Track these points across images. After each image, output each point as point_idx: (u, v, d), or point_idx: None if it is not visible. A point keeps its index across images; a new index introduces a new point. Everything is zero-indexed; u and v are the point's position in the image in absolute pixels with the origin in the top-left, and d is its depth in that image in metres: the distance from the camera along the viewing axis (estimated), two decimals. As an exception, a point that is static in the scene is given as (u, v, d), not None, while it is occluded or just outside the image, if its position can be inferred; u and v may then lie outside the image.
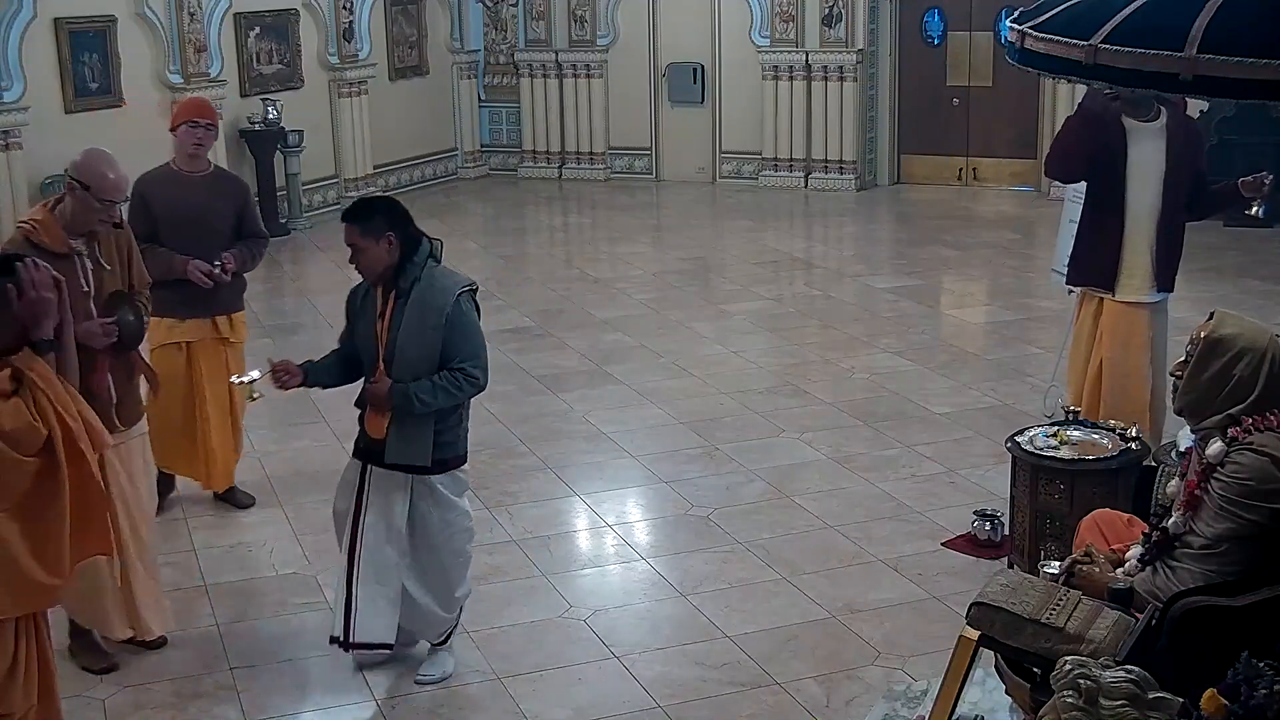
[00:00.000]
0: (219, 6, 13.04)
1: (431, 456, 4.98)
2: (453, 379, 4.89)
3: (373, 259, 4.90)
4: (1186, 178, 6.38)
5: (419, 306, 4.91)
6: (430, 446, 4.96)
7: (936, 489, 6.87)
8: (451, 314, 4.90)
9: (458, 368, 4.90)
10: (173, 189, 6.40)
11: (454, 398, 4.93)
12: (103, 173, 5.03)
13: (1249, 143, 12.32)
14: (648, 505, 6.87)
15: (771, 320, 10.15)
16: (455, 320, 4.90)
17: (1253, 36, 3.50)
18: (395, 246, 4.89)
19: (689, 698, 5.02)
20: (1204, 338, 3.97)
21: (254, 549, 6.39)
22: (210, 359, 6.58)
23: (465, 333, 4.93)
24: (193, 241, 6.34)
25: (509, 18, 16.36)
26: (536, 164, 16.44)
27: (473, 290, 5.03)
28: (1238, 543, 3.84)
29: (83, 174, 5.01)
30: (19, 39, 11.16)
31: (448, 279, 4.99)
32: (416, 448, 4.96)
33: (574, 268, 12.17)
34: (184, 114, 6.55)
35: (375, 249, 4.88)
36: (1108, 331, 6.48)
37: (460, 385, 4.91)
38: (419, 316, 4.91)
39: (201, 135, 6.48)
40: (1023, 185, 14.83)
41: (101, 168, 5.04)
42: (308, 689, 5.20)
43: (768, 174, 15.30)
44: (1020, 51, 4.12)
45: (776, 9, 14.91)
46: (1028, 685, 3.93)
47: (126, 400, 5.24)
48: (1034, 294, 10.59)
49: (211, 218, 6.43)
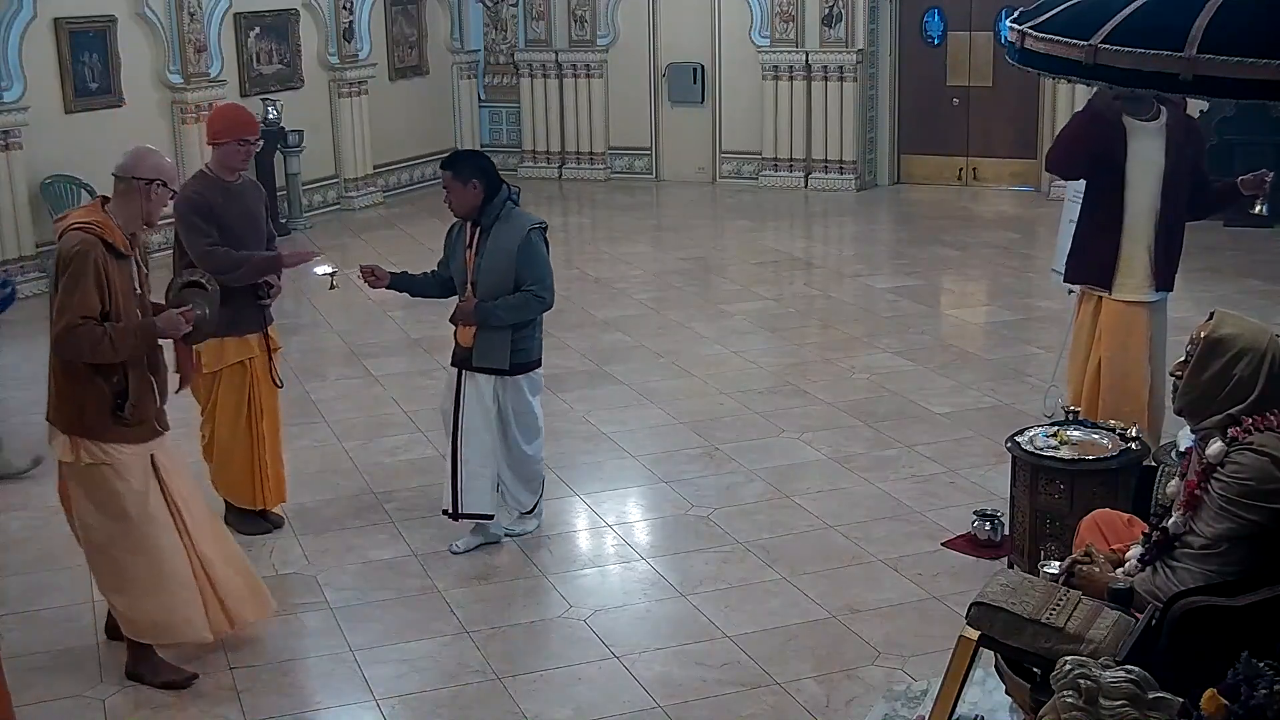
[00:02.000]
0: (219, 6, 13.05)
1: (510, 361, 6.05)
2: (523, 299, 5.97)
3: (461, 199, 5.99)
4: (1186, 177, 6.38)
5: (497, 239, 5.98)
6: (509, 353, 6.04)
7: (936, 489, 6.87)
8: (522, 245, 5.95)
9: (527, 289, 5.96)
10: (227, 198, 6.15)
11: (524, 314, 6.02)
12: (170, 165, 5.13)
13: (1249, 143, 12.32)
14: (648, 505, 6.87)
15: (771, 320, 10.15)
16: (525, 251, 5.96)
17: (1253, 36, 3.50)
18: (479, 190, 5.95)
19: (689, 698, 5.02)
20: (1204, 338, 3.97)
21: (254, 549, 6.38)
22: (264, 371, 6.43)
23: (533, 261, 5.98)
24: (249, 249, 6.18)
25: (509, 18, 16.36)
26: (536, 164, 16.44)
27: (543, 228, 6.08)
28: (1238, 543, 3.84)
29: (161, 172, 5.04)
30: (19, 39, 11.17)
31: (522, 218, 6.03)
32: (497, 354, 6.03)
33: (574, 268, 12.17)
34: (233, 130, 6.15)
35: (464, 191, 5.96)
36: (1107, 331, 6.48)
37: (528, 304, 6.00)
38: (497, 247, 5.97)
39: (250, 151, 6.23)
40: (1023, 185, 14.83)
41: (168, 162, 5.14)
42: (308, 689, 5.20)
43: (768, 174, 15.30)
44: (1020, 51, 4.12)
45: (776, 9, 14.92)
46: (1028, 685, 3.93)
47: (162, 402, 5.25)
48: (1034, 294, 10.60)
49: (261, 223, 6.33)
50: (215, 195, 6.11)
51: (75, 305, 4.80)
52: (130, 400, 4.97)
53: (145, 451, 5.08)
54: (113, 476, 5.01)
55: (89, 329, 4.81)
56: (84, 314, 4.81)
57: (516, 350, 6.07)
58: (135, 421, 5.01)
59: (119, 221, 4.99)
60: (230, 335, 6.17)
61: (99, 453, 4.98)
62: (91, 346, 4.84)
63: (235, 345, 6.26)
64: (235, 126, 6.15)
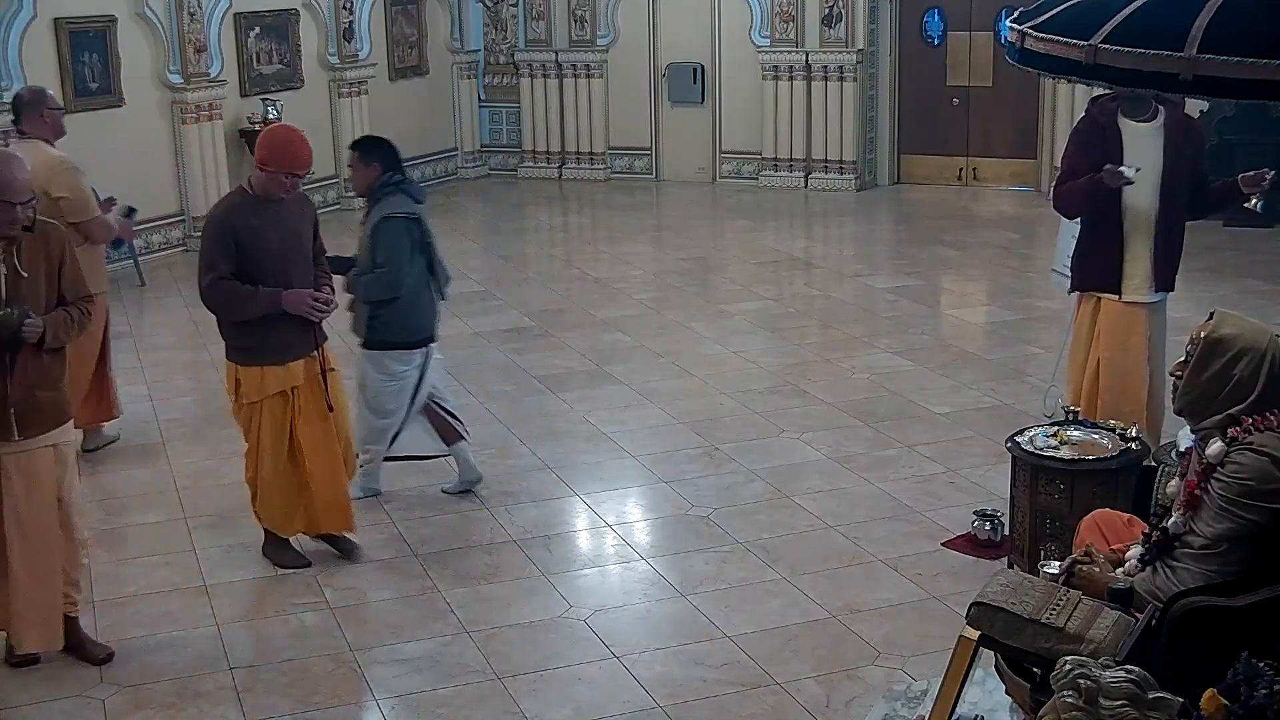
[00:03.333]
0: (219, 6, 13.05)
1: (366, 335, 6.56)
2: (373, 278, 6.42)
3: (362, 178, 6.50)
4: (1186, 177, 6.37)
5: (370, 220, 6.45)
6: (364, 326, 6.55)
7: (936, 489, 6.87)
8: (376, 228, 6.39)
9: (377, 270, 6.39)
10: (264, 218, 5.74)
11: (372, 293, 6.45)
12: (12, 176, 4.94)
13: (1249, 143, 12.32)
14: (648, 505, 6.87)
15: (771, 320, 10.15)
16: (378, 235, 6.39)
17: (1253, 36, 3.50)
18: (377, 172, 6.43)
19: (689, 698, 5.02)
20: (1204, 338, 3.97)
21: (254, 549, 6.38)
22: (312, 398, 5.95)
23: (383, 245, 6.38)
24: (289, 271, 5.78)
25: (509, 18, 16.36)
26: (536, 164, 16.45)
27: (409, 217, 6.45)
28: (1238, 543, 3.84)
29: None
30: (19, 39, 11.17)
31: (391, 205, 6.41)
32: (359, 325, 6.59)
33: (574, 268, 12.17)
34: (281, 163, 5.69)
35: (365, 171, 6.46)
36: (1106, 331, 6.48)
37: (374, 284, 6.42)
38: (366, 227, 6.45)
39: (296, 184, 5.80)
40: (1023, 185, 14.84)
41: (9, 173, 4.95)
42: (308, 689, 5.20)
43: (768, 174, 15.30)
44: (1020, 51, 4.12)
45: (776, 9, 14.92)
46: (1028, 685, 3.93)
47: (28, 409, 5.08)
48: (1034, 294, 10.60)
49: (305, 242, 5.92)
50: (248, 216, 5.70)
51: None
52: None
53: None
54: None
55: None
56: None
57: (373, 327, 6.52)
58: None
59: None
60: (271, 364, 5.79)
61: None
62: None
63: (277, 375, 5.83)
64: (284, 159, 5.69)
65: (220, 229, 5.71)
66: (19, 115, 7.27)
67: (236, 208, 5.77)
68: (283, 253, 5.77)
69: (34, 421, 5.10)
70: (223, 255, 5.67)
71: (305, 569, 6.11)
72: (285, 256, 5.78)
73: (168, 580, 6.06)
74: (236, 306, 5.74)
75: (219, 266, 5.67)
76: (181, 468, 7.44)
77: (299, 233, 5.88)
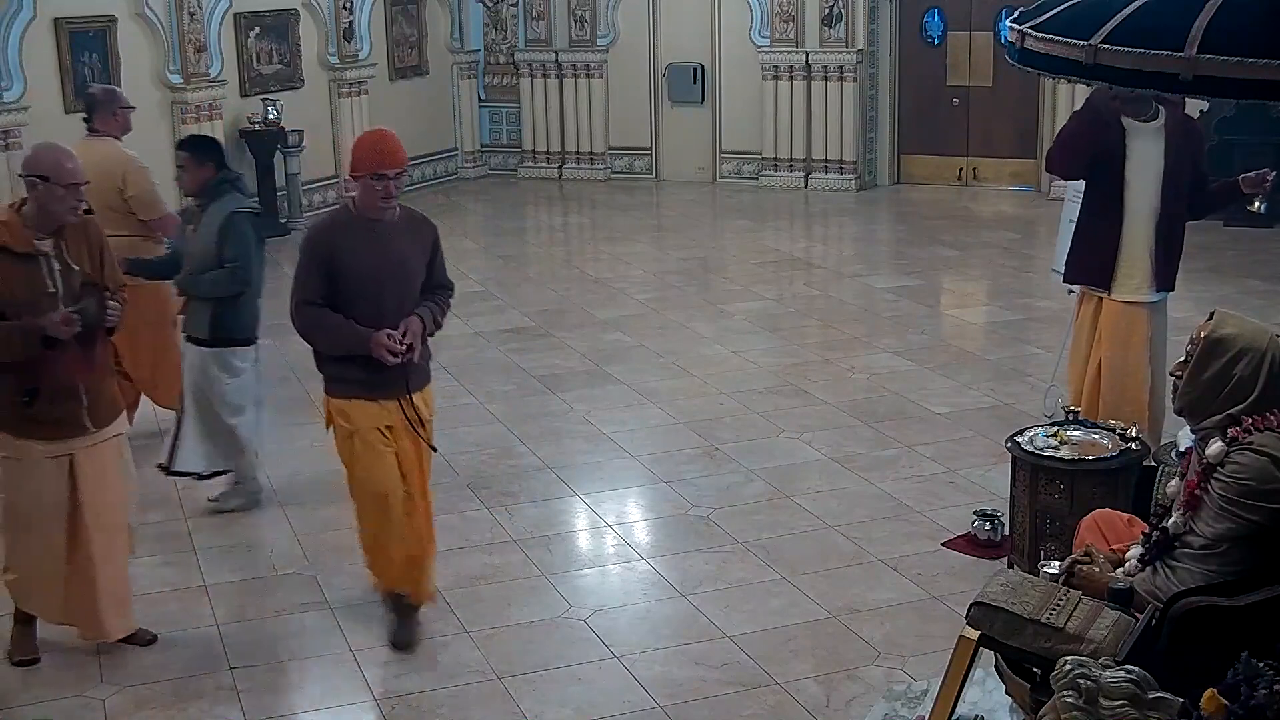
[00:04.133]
0: (219, 6, 13.04)
1: (210, 333, 6.54)
2: (223, 274, 6.41)
3: (195, 177, 6.51)
4: (1186, 177, 6.38)
5: (210, 217, 6.45)
6: (208, 324, 6.52)
7: (936, 489, 6.87)
8: (224, 225, 6.38)
9: (228, 265, 6.38)
10: (363, 240, 5.17)
11: (220, 289, 6.44)
12: (57, 160, 4.99)
13: (1249, 143, 12.33)
14: (648, 505, 6.87)
15: (771, 320, 10.15)
16: (227, 230, 6.37)
17: (1253, 36, 3.50)
18: (211, 171, 6.48)
19: (689, 698, 5.02)
20: (1204, 338, 3.97)
21: (254, 549, 6.38)
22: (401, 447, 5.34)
23: (233, 241, 6.37)
24: (383, 300, 5.17)
25: (509, 18, 16.36)
26: (536, 164, 16.44)
27: (253, 213, 6.58)
28: (1238, 543, 3.84)
29: (40, 167, 4.96)
30: (19, 39, 11.15)
31: (233, 201, 6.46)
32: (198, 323, 6.56)
33: (574, 268, 12.17)
34: (364, 163, 5.13)
35: (199, 170, 6.49)
36: (1106, 331, 6.48)
37: (224, 279, 6.43)
38: (209, 224, 6.44)
39: (389, 188, 5.14)
40: (1023, 185, 14.83)
41: (56, 156, 5.01)
42: (308, 689, 5.20)
43: (768, 174, 15.29)
44: (1020, 51, 4.11)
45: (776, 9, 14.91)
46: (1028, 685, 3.93)
47: (99, 400, 5.15)
48: (1034, 294, 10.59)
49: (410, 269, 5.29)
50: (345, 236, 5.17)
51: None
52: (42, 396, 4.95)
53: (60, 451, 5.06)
54: (18, 473, 5.05)
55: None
56: None
57: (217, 324, 6.51)
58: (48, 419, 4.99)
59: (31, 222, 4.95)
60: (360, 397, 5.24)
61: (12, 447, 5.04)
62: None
63: (367, 410, 5.25)
64: (366, 160, 5.11)
65: (313, 249, 5.21)
66: (91, 113, 7.50)
67: (334, 226, 5.27)
68: (379, 279, 5.15)
69: (104, 412, 5.18)
70: (314, 278, 5.14)
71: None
72: (382, 283, 5.15)
73: (168, 580, 6.06)
74: (324, 337, 5.21)
75: (308, 290, 5.15)
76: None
77: (403, 258, 5.23)
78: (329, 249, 5.16)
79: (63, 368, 4.97)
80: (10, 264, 4.91)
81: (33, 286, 4.94)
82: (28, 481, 5.08)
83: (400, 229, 5.26)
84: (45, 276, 4.97)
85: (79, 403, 5.04)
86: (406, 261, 5.25)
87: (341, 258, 5.13)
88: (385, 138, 5.20)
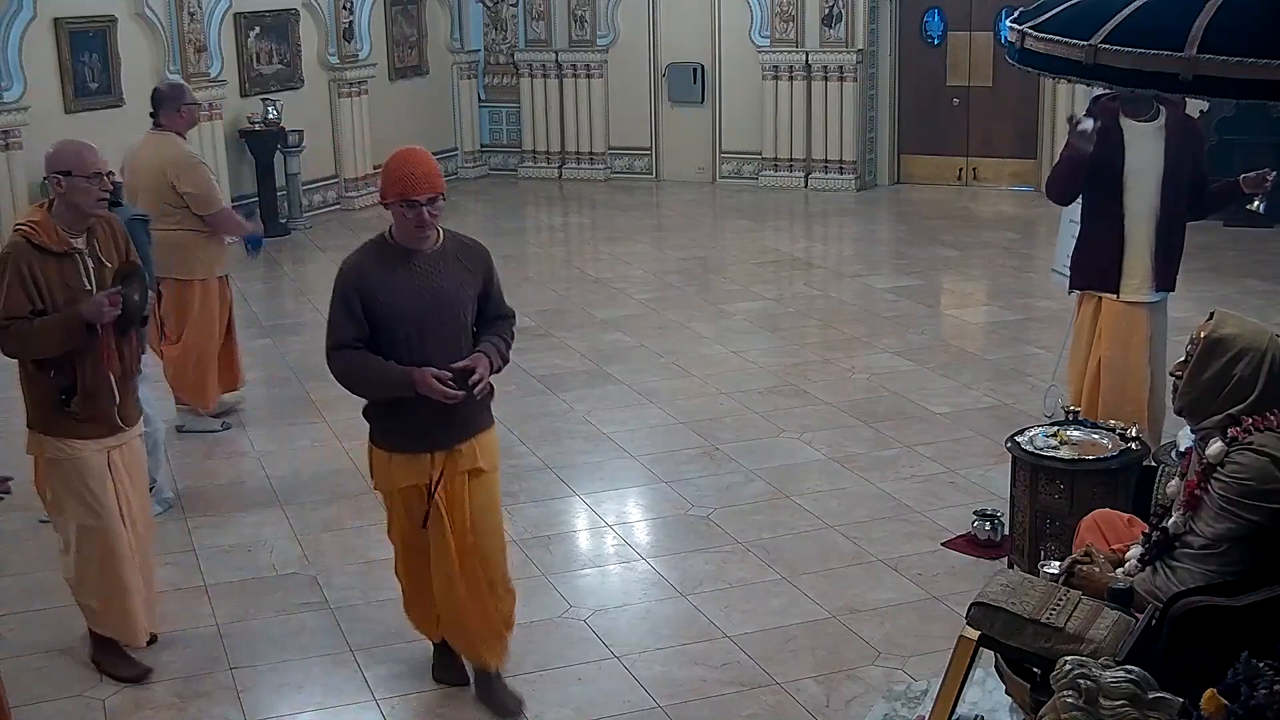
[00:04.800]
0: (219, 6, 13.05)
1: None
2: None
3: None
4: (1186, 177, 6.38)
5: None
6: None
7: (936, 489, 6.87)
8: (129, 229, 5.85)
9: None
10: (399, 272, 4.61)
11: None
12: (77, 151, 4.99)
13: (1249, 143, 12.33)
14: (648, 505, 6.87)
15: (771, 320, 10.15)
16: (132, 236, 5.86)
17: (1253, 36, 3.50)
18: None
19: (689, 698, 5.02)
20: (1204, 338, 3.97)
21: (254, 549, 6.38)
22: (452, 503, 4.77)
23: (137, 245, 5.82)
24: (425, 339, 4.61)
25: (509, 18, 16.36)
26: (536, 164, 16.45)
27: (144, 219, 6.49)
28: (1238, 543, 3.84)
29: (61, 162, 4.95)
30: (19, 39, 11.16)
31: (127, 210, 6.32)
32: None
33: (574, 268, 12.17)
34: (390, 188, 4.59)
35: None
36: (1106, 331, 6.48)
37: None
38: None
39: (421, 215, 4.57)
40: (1023, 185, 14.83)
41: (74, 148, 5.01)
42: (308, 689, 5.20)
43: (768, 174, 15.30)
44: (1020, 51, 4.11)
45: (776, 9, 14.91)
46: (1028, 685, 3.93)
47: (127, 398, 5.18)
48: (1034, 294, 10.59)
49: (458, 302, 4.71)
50: (380, 269, 4.60)
51: (1, 308, 4.84)
52: (79, 395, 4.95)
53: (102, 448, 5.07)
54: (74, 473, 5.04)
55: (16, 328, 4.84)
56: (8, 315, 4.83)
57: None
58: (86, 417, 4.99)
59: (61, 220, 4.96)
60: (401, 450, 4.72)
61: (56, 448, 5.02)
62: (21, 344, 4.88)
63: (407, 466, 4.73)
64: (394, 183, 4.57)
65: (344, 287, 4.61)
66: (157, 108, 7.62)
67: (366, 259, 4.66)
68: (420, 316, 4.59)
69: (131, 411, 5.20)
70: (347, 318, 4.58)
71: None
72: (422, 320, 4.59)
73: (168, 580, 6.05)
74: (363, 383, 4.69)
75: (342, 332, 4.60)
76: (181, 468, 7.44)
77: (449, 291, 4.65)
78: (361, 285, 4.58)
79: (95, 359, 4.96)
80: (47, 263, 4.90)
81: (69, 285, 4.94)
82: (82, 476, 5.04)
83: (444, 258, 4.67)
84: (81, 275, 4.98)
85: (111, 401, 5.05)
86: (453, 294, 4.67)
87: (376, 294, 4.56)
88: (415, 159, 4.63)
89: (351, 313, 4.58)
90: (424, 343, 4.60)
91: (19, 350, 4.94)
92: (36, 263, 4.87)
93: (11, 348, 4.93)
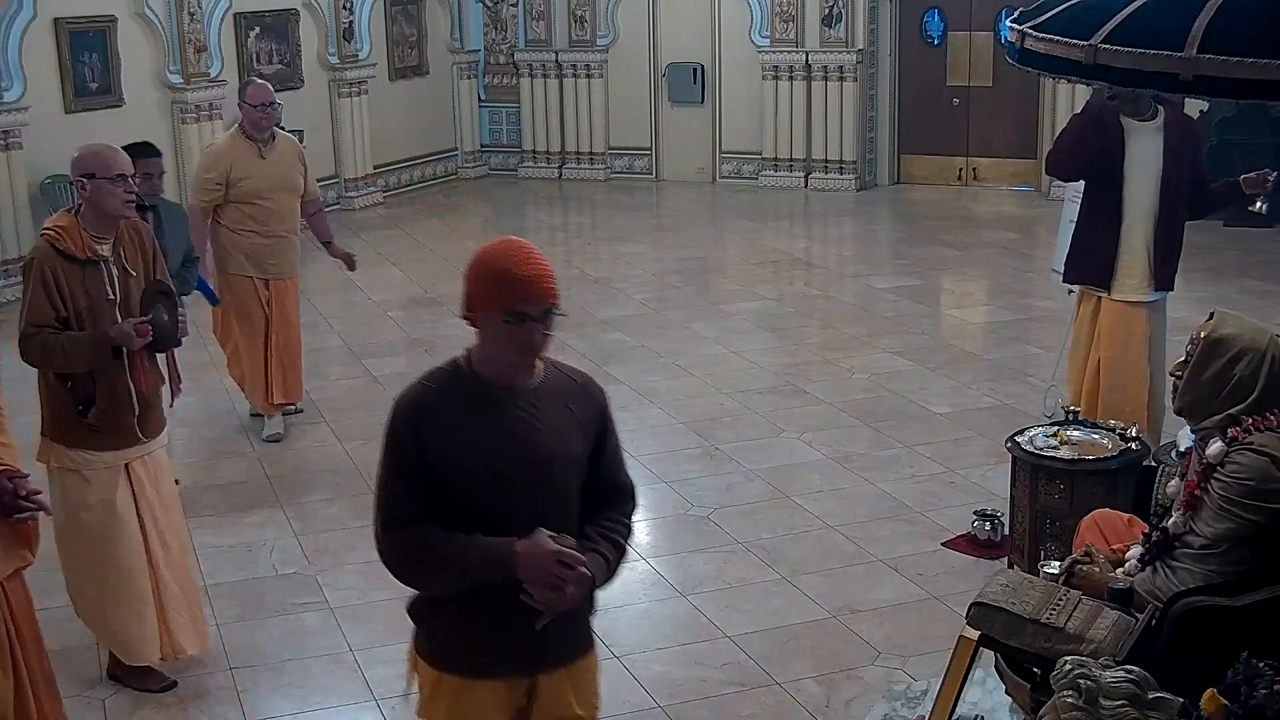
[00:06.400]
0: (219, 6, 13.05)
1: None
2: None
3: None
4: (1185, 177, 6.38)
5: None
6: None
7: (936, 489, 6.87)
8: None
9: None
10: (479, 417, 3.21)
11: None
12: (99, 153, 4.88)
13: (1249, 143, 12.32)
14: (648, 505, 6.87)
15: (771, 320, 10.15)
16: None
17: (1253, 36, 3.50)
18: None
19: (689, 698, 5.02)
20: (1204, 338, 3.97)
21: (254, 549, 6.38)
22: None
23: None
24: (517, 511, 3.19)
25: (509, 18, 16.36)
26: (536, 164, 16.45)
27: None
28: (1238, 543, 3.84)
29: (84, 166, 4.84)
30: (19, 39, 11.17)
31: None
32: None
33: (574, 268, 12.16)
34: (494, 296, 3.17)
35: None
36: (1106, 331, 6.48)
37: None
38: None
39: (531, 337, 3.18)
40: (1023, 185, 14.84)
41: (97, 150, 4.90)
42: (308, 689, 5.20)
43: (768, 174, 15.30)
44: (1020, 51, 4.12)
45: (776, 9, 14.92)
46: (1028, 685, 3.93)
47: (151, 411, 5.06)
48: (1034, 294, 10.59)
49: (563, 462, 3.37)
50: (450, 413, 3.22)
51: (26, 315, 4.77)
52: (98, 406, 4.87)
53: (118, 461, 4.97)
54: (78, 485, 4.94)
55: (42, 338, 4.75)
56: (34, 324, 4.76)
57: None
58: (105, 429, 4.90)
59: (89, 226, 4.85)
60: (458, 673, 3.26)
61: (67, 458, 4.93)
62: (44, 355, 4.79)
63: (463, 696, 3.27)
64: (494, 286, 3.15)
65: (398, 443, 3.22)
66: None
67: (431, 396, 3.27)
68: (507, 475, 3.18)
69: (154, 423, 5.09)
70: (405, 484, 3.19)
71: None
72: (510, 480, 3.18)
73: (168, 580, 6.06)
74: (433, 568, 3.19)
75: (399, 503, 3.19)
76: (182, 468, 7.43)
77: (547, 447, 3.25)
78: (426, 433, 3.18)
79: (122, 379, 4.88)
80: (71, 270, 4.80)
81: (93, 293, 4.84)
82: (93, 491, 4.95)
83: (546, 398, 3.27)
84: (105, 283, 4.86)
85: (131, 413, 4.94)
86: (552, 451, 3.25)
87: (446, 448, 3.15)
88: (523, 255, 3.16)
89: (412, 475, 3.16)
90: (509, 518, 3.16)
91: (41, 361, 4.84)
92: (60, 268, 4.78)
93: (35, 358, 4.82)
